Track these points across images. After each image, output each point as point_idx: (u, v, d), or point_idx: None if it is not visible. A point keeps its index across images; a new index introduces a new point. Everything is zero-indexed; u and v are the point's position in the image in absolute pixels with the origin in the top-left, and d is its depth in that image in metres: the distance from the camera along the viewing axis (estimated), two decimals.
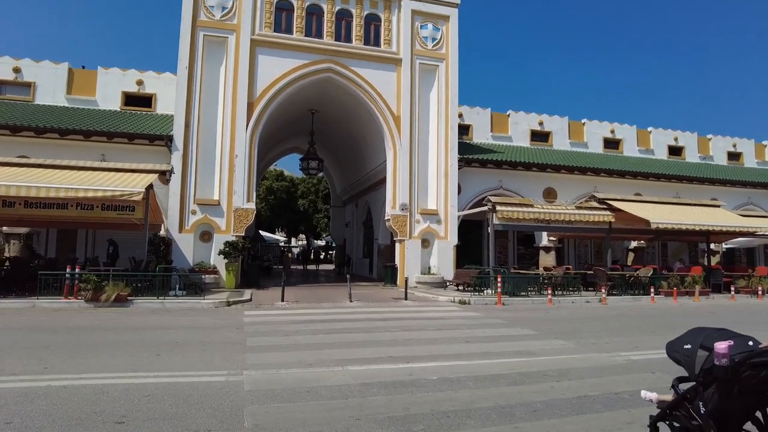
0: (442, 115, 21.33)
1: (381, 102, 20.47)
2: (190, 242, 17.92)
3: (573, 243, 27.81)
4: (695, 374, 2.61)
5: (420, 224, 20.61)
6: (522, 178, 23.48)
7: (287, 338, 8.10)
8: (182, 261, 17.49)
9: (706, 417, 2.51)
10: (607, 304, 15.15)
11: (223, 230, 18.28)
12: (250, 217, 18.57)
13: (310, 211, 50.76)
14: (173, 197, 17.90)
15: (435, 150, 21.19)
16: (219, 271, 17.89)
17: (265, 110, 19.20)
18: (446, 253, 20.81)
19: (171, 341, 7.69)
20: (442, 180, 21.03)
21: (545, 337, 8.82)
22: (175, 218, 17.84)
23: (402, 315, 11.48)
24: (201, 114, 18.57)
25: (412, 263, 20.25)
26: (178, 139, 18.20)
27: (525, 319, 11.19)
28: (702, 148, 31.59)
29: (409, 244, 20.34)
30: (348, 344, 7.72)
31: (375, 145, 23.77)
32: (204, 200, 18.29)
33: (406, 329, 9.21)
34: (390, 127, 20.56)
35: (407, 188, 20.51)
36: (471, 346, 7.87)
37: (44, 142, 17.92)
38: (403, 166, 20.53)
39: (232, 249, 17.78)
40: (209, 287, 16.77)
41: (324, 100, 23.13)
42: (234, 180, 18.54)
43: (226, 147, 18.66)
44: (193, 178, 18.26)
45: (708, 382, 2.52)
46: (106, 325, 9.12)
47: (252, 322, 9.88)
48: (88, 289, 11.77)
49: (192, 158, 18.31)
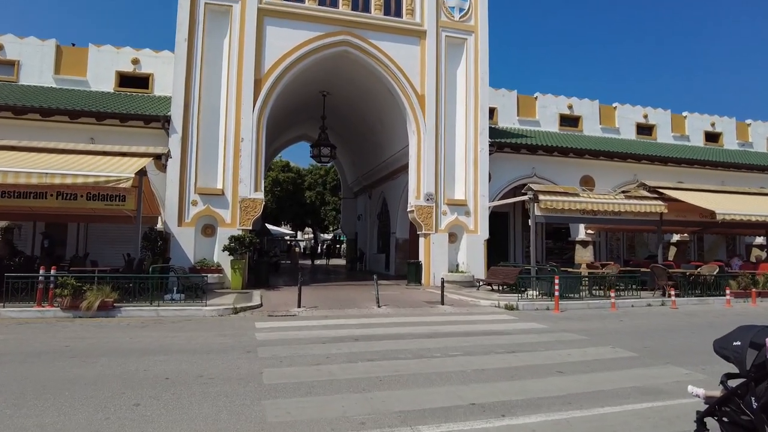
0: (470, 94, 19.09)
1: (403, 79, 18.24)
2: (191, 237, 15.81)
3: (604, 237, 25.68)
4: (746, 370, 2.63)
5: (447, 216, 18.42)
6: (557, 164, 21.26)
7: (318, 370, 5.98)
8: (182, 258, 15.40)
9: (759, 412, 2.49)
10: (677, 308, 12.99)
11: (228, 223, 16.16)
12: (258, 208, 16.44)
13: (317, 204, 48.60)
14: (171, 186, 15.78)
15: (463, 134, 18.96)
16: (224, 269, 15.80)
17: (274, 88, 17.00)
18: (476, 248, 18.64)
19: (159, 376, 5.60)
20: (471, 167, 18.82)
21: (654, 362, 6.68)
22: (174, 210, 15.72)
23: (450, 328, 9.36)
24: (202, 93, 16.39)
25: (438, 260, 18.09)
26: (176, 120, 16.04)
27: (603, 333, 9.05)
28: (741, 134, 29.29)
29: (434, 238, 18.17)
30: (403, 380, 5.61)
31: (394, 130, 21.57)
32: (206, 190, 16.15)
33: (469, 352, 7.08)
34: (414, 108, 18.34)
35: (433, 176, 18.31)
36: (569, 380, 5.76)
37: (26, 124, 15.80)
38: (429, 151, 18.32)
39: (239, 244, 15.67)
40: (213, 288, 14.71)
41: (337, 80, 20.90)
42: (240, 167, 16.39)
43: (230, 130, 16.50)
44: (194, 164, 16.13)
45: (760, 378, 2.55)
46: (78, 348, 7.00)
47: (267, 341, 7.77)
48: (64, 295, 9.68)
49: (192, 142, 16.16)
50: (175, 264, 15.01)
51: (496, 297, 13.94)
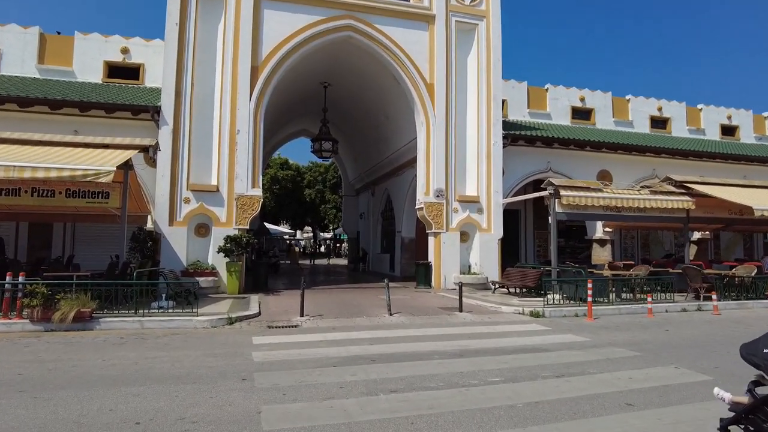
0: (482, 83, 17.86)
1: (411, 67, 17.02)
2: (183, 237, 14.59)
3: (618, 235, 24.50)
4: None
5: (458, 214, 17.22)
6: (572, 158, 20.05)
7: (330, 407, 4.76)
8: (173, 260, 14.19)
9: None
10: (720, 314, 11.81)
11: (223, 222, 14.94)
12: (255, 206, 15.22)
13: (317, 202, 47.38)
14: (161, 182, 14.56)
15: (474, 125, 17.74)
16: (219, 272, 14.59)
17: (272, 77, 15.77)
18: (489, 247, 17.44)
19: (128, 419, 4.37)
20: (484, 161, 17.61)
21: (735, 387, 5.49)
22: (164, 208, 14.50)
23: (479, 343, 8.14)
24: (195, 81, 15.16)
25: (449, 260, 16.90)
26: (167, 111, 14.81)
27: (654, 347, 7.85)
28: (758, 128, 28.17)
29: (445, 237, 16.97)
30: (441, 422, 4.40)
31: (399, 122, 20.36)
32: (199, 186, 14.93)
33: (512, 378, 5.87)
34: (422, 97, 17.12)
35: (443, 171, 17.09)
36: (645, 417, 4.55)
37: (4, 116, 14.54)
38: (438, 144, 17.10)
39: (235, 245, 14.46)
40: (207, 293, 13.51)
41: (339, 69, 19.68)
42: (236, 161, 15.17)
43: (225, 121, 15.27)
44: (186, 158, 14.90)
45: None
46: (33, 377, 5.73)
47: (266, 362, 6.56)
48: (33, 305, 8.45)
49: (184, 134, 14.94)
50: (166, 267, 13.82)
51: (516, 302, 12.74)
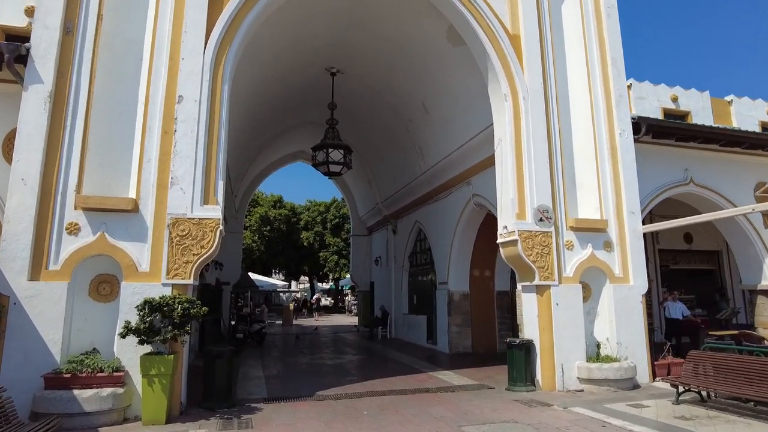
0: (592, 41, 11.02)
1: (484, 5, 10.19)
2: (59, 303, 7.11)
3: None
4: None
5: (573, 251, 9.89)
6: (717, 164, 13.01)
7: None
8: (32, 351, 6.69)
9: None
10: None
11: (143, 272, 7.52)
12: (210, 238, 7.85)
13: (315, 246, 39.85)
14: (19, 192, 7.26)
15: (585, 105, 10.75)
16: (129, 375, 7.07)
17: (247, 10, 8.84)
18: (629, 309, 9.97)
19: None
20: (607, 162, 10.47)
21: None
22: (21, 245, 7.12)
23: None
24: (104, 9, 8.19)
25: (566, 335, 9.38)
26: (43, 60, 7.71)
27: None
28: None
29: (557, 292, 9.53)
30: None
31: (448, 110, 13.43)
32: (101, 202, 7.58)
33: None
34: (504, 56, 10.14)
35: (546, 176, 9.90)
36: None
37: None
38: (535, 129, 9.96)
39: (165, 318, 7.01)
40: (98, 422, 5.97)
41: (353, 41, 12.90)
42: (173, 154, 7.94)
43: (158, 81, 8.15)
44: (78, 149, 7.67)
45: None
46: None
47: None
48: None
49: (77, 104, 7.77)
50: (9, 368, 6.30)
51: None
